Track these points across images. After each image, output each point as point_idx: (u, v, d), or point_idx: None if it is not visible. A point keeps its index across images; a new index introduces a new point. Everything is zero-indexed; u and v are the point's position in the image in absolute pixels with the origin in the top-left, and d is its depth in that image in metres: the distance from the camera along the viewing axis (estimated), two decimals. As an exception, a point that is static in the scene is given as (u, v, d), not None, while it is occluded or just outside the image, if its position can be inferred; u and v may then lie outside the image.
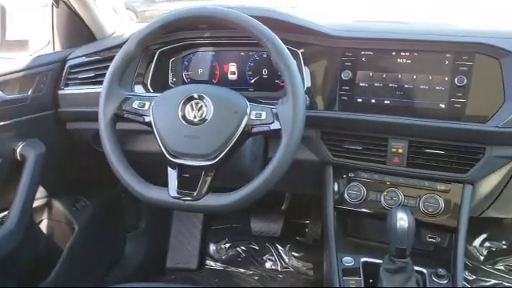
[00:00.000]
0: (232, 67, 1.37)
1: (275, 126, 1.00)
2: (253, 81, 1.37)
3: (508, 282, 1.86)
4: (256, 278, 1.99)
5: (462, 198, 1.19)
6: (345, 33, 1.21)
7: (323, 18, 1.29)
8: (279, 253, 2.07)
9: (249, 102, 1.04)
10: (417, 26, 1.26)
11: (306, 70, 1.24)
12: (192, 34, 1.35)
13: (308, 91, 1.23)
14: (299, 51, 1.24)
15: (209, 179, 1.00)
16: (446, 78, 1.12)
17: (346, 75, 1.20)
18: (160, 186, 1.04)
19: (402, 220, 1.01)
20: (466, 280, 1.88)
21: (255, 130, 1.02)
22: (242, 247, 2.12)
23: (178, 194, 1.00)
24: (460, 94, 1.11)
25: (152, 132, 1.05)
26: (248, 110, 1.02)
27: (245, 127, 1.00)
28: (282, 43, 1.01)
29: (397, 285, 1.06)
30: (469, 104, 1.10)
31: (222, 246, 2.14)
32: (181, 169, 1.02)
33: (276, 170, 0.97)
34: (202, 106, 1.03)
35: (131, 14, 5.10)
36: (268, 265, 2.06)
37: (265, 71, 1.36)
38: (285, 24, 1.21)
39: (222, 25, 1.06)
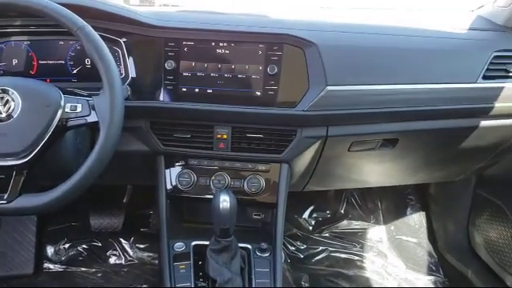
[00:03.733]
0: (51, 57, 1.28)
1: (92, 118, 0.97)
2: (75, 71, 1.30)
3: (332, 247, 2.11)
4: (99, 275, 1.92)
5: (279, 176, 1.31)
6: (166, 23, 1.21)
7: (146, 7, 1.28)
8: (123, 247, 2.02)
9: (64, 93, 1.00)
10: (234, 17, 1.32)
11: (130, 60, 1.22)
12: (1, 21, 1.23)
13: (133, 81, 1.21)
14: (121, 40, 1.21)
15: (21, 179, 0.94)
16: (260, 68, 1.21)
17: (169, 65, 1.21)
18: None
19: (225, 202, 1.08)
20: (298, 249, 2.08)
21: (71, 123, 0.98)
22: (84, 246, 2.01)
23: None
24: (272, 82, 1.21)
25: None
26: (62, 103, 0.98)
27: (59, 121, 0.96)
28: (95, 32, 0.98)
29: (222, 263, 1.13)
30: (280, 91, 1.21)
31: (61, 247, 2.00)
32: None
33: (95, 165, 0.95)
34: (8, 100, 0.95)
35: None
36: (112, 260, 2.00)
37: (88, 61, 1.29)
38: (102, 13, 1.17)
39: (28, 13, 0.98)
